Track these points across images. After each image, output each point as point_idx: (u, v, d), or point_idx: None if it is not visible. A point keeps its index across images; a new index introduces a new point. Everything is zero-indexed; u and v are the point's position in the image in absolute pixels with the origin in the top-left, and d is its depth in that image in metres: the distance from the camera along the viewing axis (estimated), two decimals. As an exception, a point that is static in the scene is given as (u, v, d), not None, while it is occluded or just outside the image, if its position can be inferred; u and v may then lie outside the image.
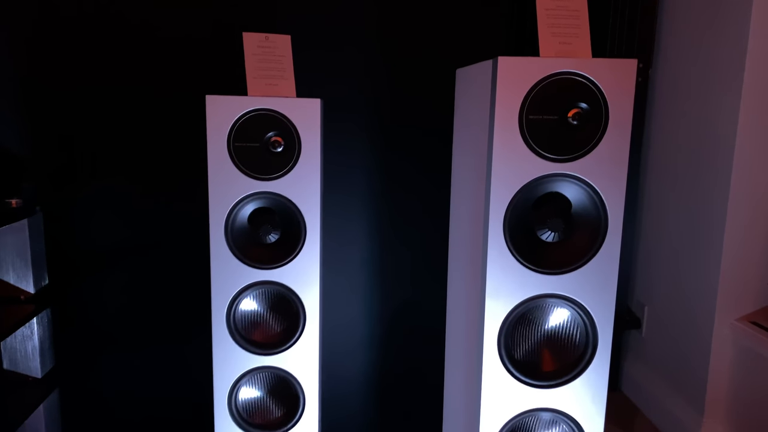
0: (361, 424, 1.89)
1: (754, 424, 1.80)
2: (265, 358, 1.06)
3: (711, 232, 1.92)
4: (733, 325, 1.88)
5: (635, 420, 2.24)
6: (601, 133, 0.89)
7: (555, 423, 0.98)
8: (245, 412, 1.07)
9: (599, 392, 0.97)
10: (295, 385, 1.07)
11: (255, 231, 1.02)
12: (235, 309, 1.04)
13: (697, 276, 2.00)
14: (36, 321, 1.54)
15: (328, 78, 1.45)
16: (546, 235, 0.92)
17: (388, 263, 1.72)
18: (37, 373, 1.57)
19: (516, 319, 0.94)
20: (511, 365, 0.95)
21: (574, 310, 0.94)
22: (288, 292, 1.04)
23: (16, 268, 1.51)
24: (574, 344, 0.95)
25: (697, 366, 1.98)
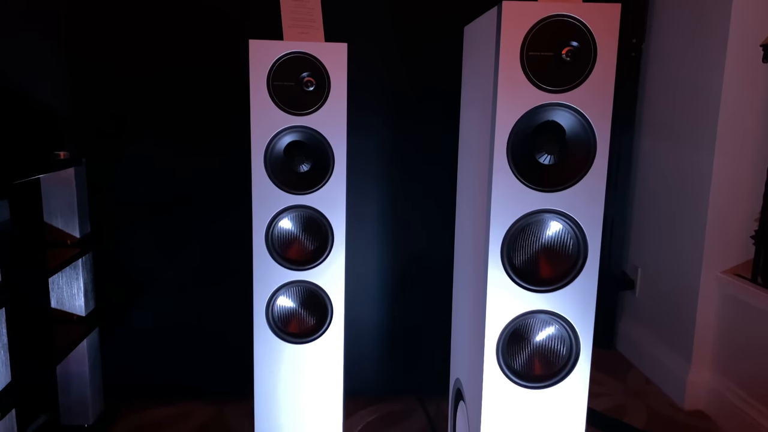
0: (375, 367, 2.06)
1: (737, 367, 1.95)
2: (298, 273, 1.21)
3: (697, 193, 2.07)
4: (718, 277, 2.03)
5: (629, 373, 2.39)
6: (590, 68, 1.04)
7: (551, 323, 1.13)
8: (281, 321, 1.23)
9: (589, 296, 1.12)
10: (324, 297, 1.22)
11: (290, 161, 1.18)
12: (273, 229, 1.19)
13: (685, 235, 2.15)
14: (81, 264, 1.70)
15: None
16: (543, 158, 1.08)
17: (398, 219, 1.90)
18: (81, 311, 1.72)
19: (517, 231, 1.09)
20: (513, 272, 1.10)
21: (567, 223, 1.09)
22: (318, 215, 1.19)
23: (63, 215, 1.66)
24: (567, 253, 1.11)
25: (685, 318, 2.13)
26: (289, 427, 1.27)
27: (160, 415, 1.96)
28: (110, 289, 1.90)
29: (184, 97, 1.84)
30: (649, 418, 2.04)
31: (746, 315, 1.91)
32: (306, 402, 1.26)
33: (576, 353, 1.14)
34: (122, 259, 1.92)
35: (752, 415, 1.84)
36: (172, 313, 1.97)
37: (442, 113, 1.84)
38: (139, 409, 1.98)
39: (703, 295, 2.05)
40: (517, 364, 1.15)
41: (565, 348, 1.14)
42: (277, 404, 1.26)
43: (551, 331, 1.14)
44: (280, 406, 1.26)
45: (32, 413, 1.58)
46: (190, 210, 1.91)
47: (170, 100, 1.85)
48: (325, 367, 1.25)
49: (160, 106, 1.85)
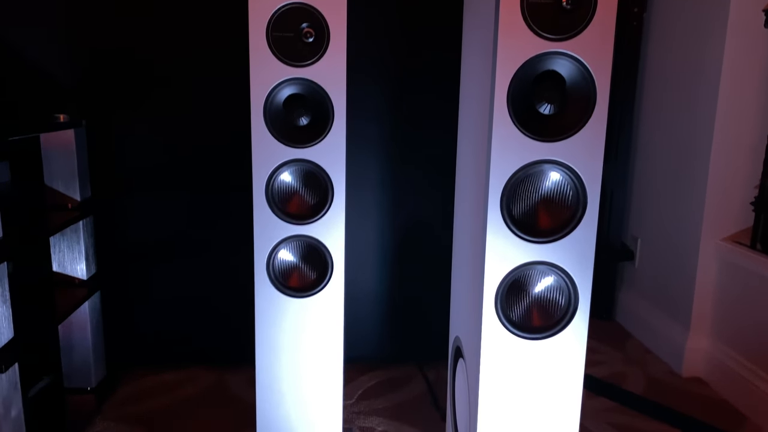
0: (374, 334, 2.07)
1: (735, 333, 1.97)
2: (299, 228, 1.21)
3: (697, 161, 2.07)
4: (718, 244, 2.04)
5: (627, 343, 2.40)
6: (590, 16, 1.04)
7: (549, 274, 1.13)
8: (282, 275, 1.23)
9: (588, 247, 1.12)
10: (324, 252, 1.23)
11: (289, 114, 1.18)
12: (273, 183, 1.19)
13: (685, 203, 2.15)
14: (81, 228, 1.70)
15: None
16: (543, 107, 1.08)
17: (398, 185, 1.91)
18: (83, 275, 1.73)
19: (516, 182, 1.10)
20: (512, 223, 1.11)
21: (567, 174, 1.09)
22: (318, 169, 1.20)
23: (64, 179, 1.67)
24: (566, 204, 1.11)
25: (684, 286, 2.14)
26: (290, 381, 1.28)
27: (161, 381, 1.98)
28: (112, 255, 1.91)
29: (185, 62, 1.84)
30: (647, 384, 2.05)
31: (745, 281, 1.92)
32: (307, 355, 1.27)
33: (574, 304, 1.14)
34: (123, 224, 1.92)
35: (750, 380, 1.85)
36: (173, 279, 1.99)
37: (443, 74, 1.84)
38: (141, 375, 2.00)
39: (702, 263, 2.06)
40: (515, 315, 1.15)
41: (563, 299, 1.14)
42: (278, 358, 1.27)
43: (550, 282, 1.14)
44: (281, 359, 1.27)
45: (36, 375, 1.59)
46: (190, 175, 1.91)
47: (172, 65, 1.84)
48: (325, 320, 1.26)
49: (161, 72, 1.85)
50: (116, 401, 1.84)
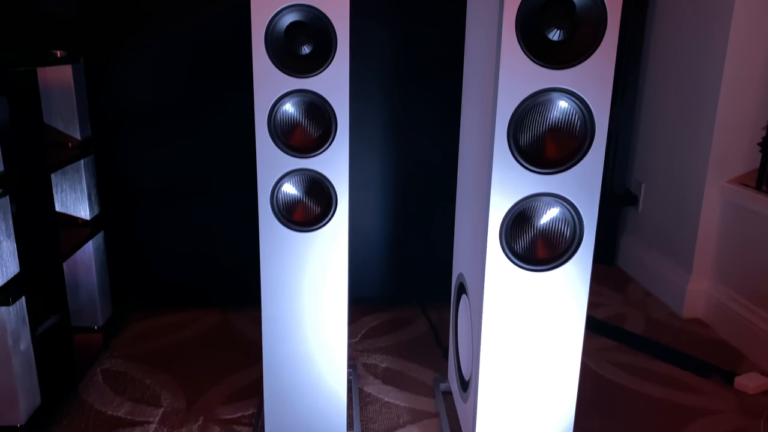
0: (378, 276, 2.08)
1: (736, 274, 1.97)
2: (302, 162, 1.20)
3: (705, 102, 2.04)
4: (723, 186, 2.03)
5: (629, 286, 2.42)
6: (603, -64, 1.00)
7: (555, 206, 1.13)
8: (285, 210, 1.23)
9: (595, 178, 1.11)
10: (328, 186, 1.22)
11: (291, 43, 1.15)
12: (275, 114, 1.17)
13: (691, 146, 2.13)
14: (83, 167, 1.69)
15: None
16: (553, 33, 1.05)
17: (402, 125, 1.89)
18: (86, 215, 1.72)
19: (524, 112, 1.08)
20: (518, 153, 1.09)
21: (576, 103, 1.07)
22: (321, 100, 1.17)
23: (63, 117, 1.65)
24: (574, 134, 1.09)
25: (687, 228, 2.14)
26: (295, 315, 1.30)
27: (168, 320, 2.00)
28: (115, 195, 1.90)
29: None
30: (648, 325, 2.07)
31: (749, 222, 1.91)
32: (312, 290, 1.28)
33: (580, 235, 1.14)
34: (125, 164, 1.91)
35: (750, 319, 1.87)
36: (177, 220, 1.98)
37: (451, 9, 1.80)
38: (148, 315, 2.02)
39: (706, 205, 2.05)
40: (519, 247, 1.15)
41: (569, 230, 1.14)
42: (283, 292, 1.28)
43: (555, 213, 1.13)
44: (286, 294, 1.28)
45: (43, 314, 1.61)
46: (192, 111, 1.89)
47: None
48: (330, 254, 1.26)
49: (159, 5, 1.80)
50: (123, 340, 1.87)
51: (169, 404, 1.56)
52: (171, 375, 1.69)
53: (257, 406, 1.55)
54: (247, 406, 1.56)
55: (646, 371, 1.76)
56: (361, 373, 1.71)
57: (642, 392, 1.65)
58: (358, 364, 1.76)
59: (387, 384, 1.67)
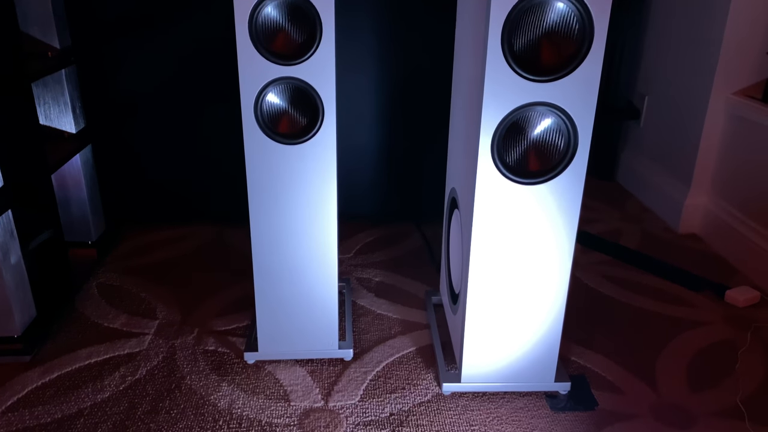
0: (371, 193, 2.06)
1: (736, 188, 1.95)
2: (286, 69, 1.15)
3: (714, 12, 1.93)
4: (728, 98, 1.96)
5: (627, 202, 2.40)
6: None
7: (549, 116, 1.08)
8: (270, 121, 1.19)
9: (592, 86, 1.06)
10: (314, 96, 1.17)
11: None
12: (257, 18, 1.11)
13: (698, 56, 2.04)
14: (64, 78, 1.63)
15: None
16: (551, -74, 0.97)
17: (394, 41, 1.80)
18: (71, 128, 1.68)
19: (519, 12, 1.01)
20: (512, 59, 1.04)
21: (574, 4, 1.01)
22: (304, 2, 1.11)
23: (40, 24, 1.57)
24: (571, 38, 1.03)
25: (689, 141, 2.09)
26: (285, 229, 1.28)
27: (162, 235, 2.00)
28: (101, 107, 1.85)
29: None
30: (643, 240, 2.07)
31: (753, 135, 1.86)
32: (301, 203, 1.26)
33: (574, 147, 1.10)
34: (110, 75, 1.84)
35: (745, 233, 1.86)
36: (167, 134, 1.94)
37: None
38: (142, 230, 2.02)
39: (710, 117, 2.00)
40: (511, 159, 1.12)
41: (563, 141, 1.10)
42: (271, 206, 1.26)
43: (549, 124, 1.09)
44: (275, 208, 1.26)
45: (35, 229, 1.60)
46: (177, 18, 1.80)
47: None
48: (319, 168, 1.23)
49: None
50: (118, 254, 1.88)
51: (164, 317, 1.58)
52: (166, 289, 1.70)
53: (251, 318, 1.57)
54: (241, 318, 1.58)
55: (638, 285, 1.77)
56: (355, 287, 1.73)
57: (633, 305, 1.67)
58: (351, 278, 1.77)
59: (380, 297, 1.68)
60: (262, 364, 1.40)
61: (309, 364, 1.40)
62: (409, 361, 1.42)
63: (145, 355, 1.43)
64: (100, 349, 1.44)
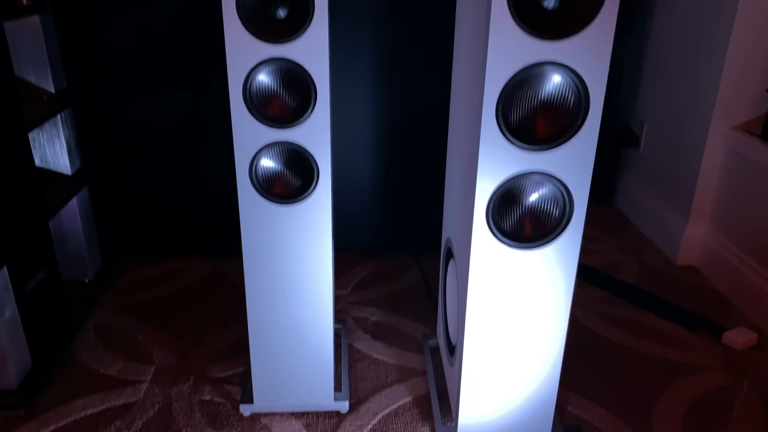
0: (369, 225, 2.05)
1: (734, 223, 1.94)
2: (280, 132, 1.14)
3: (716, 42, 1.92)
4: (727, 132, 1.95)
5: (625, 229, 2.39)
6: None
7: (544, 184, 1.08)
8: (265, 182, 1.18)
9: (588, 156, 1.05)
10: (309, 158, 1.16)
11: (265, 6, 1.06)
12: (250, 84, 1.10)
13: (698, 87, 2.03)
14: (60, 120, 1.62)
15: None
16: (547, 2, 0.96)
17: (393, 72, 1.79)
18: (67, 170, 1.68)
19: (515, 85, 1.00)
20: (507, 130, 1.03)
21: (570, 77, 1.00)
22: (298, 68, 1.10)
23: (35, 68, 1.56)
24: (567, 110, 1.03)
25: (688, 173, 2.08)
26: (280, 286, 1.28)
27: (158, 271, 2.00)
28: (96, 147, 1.85)
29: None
30: (641, 273, 2.07)
31: (752, 172, 1.85)
32: (296, 260, 1.26)
33: (569, 215, 1.10)
34: (106, 114, 1.84)
35: (742, 270, 1.86)
36: (164, 169, 1.94)
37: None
38: (138, 266, 2.02)
39: (709, 151, 1.99)
40: (507, 225, 1.11)
41: (558, 210, 1.10)
42: (266, 263, 1.26)
43: (544, 192, 1.09)
44: (269, 265, 1.26)
45: (31, 269, 1.60)
46: (171, 57, 1.80)
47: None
48: (313, 226, 1.23)
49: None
50: (115, 292, 1.87)
51: (161, 362, 1.58)
52: (162, 329, 1.70)
53: (247, 363, 1.57)
54: (237, 363, 1.58)
55: (635, 324, 1.77)
56: (351, 328, 1.73)
57: (630, 347, 1.67)
58: (348, 318, 1.77)
59: (376, 339, 1.68)
60: (258, 416, 1.40)
61: (305, 417, 1.40)
62: (405, 413, 1.42)
63: (141, 405, 1.43)
64: (96, 399, 1.44)
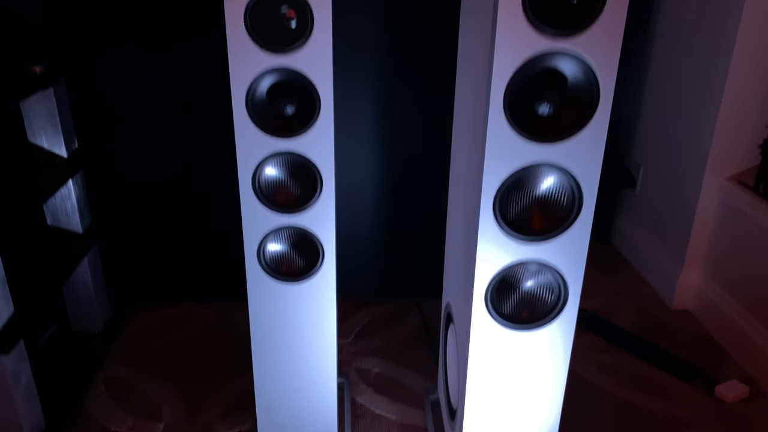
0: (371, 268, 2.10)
1: (726, 272, 1.99)
2: (287, 218, 1.19)
3: (710, 94, 1.97)
4: (720, 183, 2.00)
5: (621, 268, 2.44)
6: (599, 10, 0.94)
7: (540, 272, 1.13)
8: (273, 262, 1.23)
9: (581, 246, 1.10)
10: (314, 240, 1.21)
11: (274, 104, 1.11)
12: (259, 175, 1.15)
13: (692, 137, 2.08)
14: (72, 181, 1.67)
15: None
16: (542, 108, 1.01)
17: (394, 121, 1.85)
18: (78, 228, 1.73)
19: (510, 184, 1.05)
20: (504, 223, 1.08)
21: (563, 177, 1.05)
22: (305, 161, 1.15)
23: (47, 134, 1.61)
24: (561, 206, 1.08)
25: (683, 220, 2.13)
26: (286, 359, 1.33)
27: (167, 316, 2.05)
28: (105, 202, 1.90)
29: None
30: (637, 317, 2.12)
31: (743, 226, 1.90)
32: (302, 334, 1.31)
33: (564, 301, 1.15)
34: (114, 169, 1.89)
35: (737, 321, 1.90)
36: (170, 219, 1.99)
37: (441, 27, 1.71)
38: (144, 313, 2.06)
39: (703, 201, 2.04)
40: (505, 308, 1.16)
41: (552, 296, 1.15)
42: (273, 338, 1.31)
43: (541, 279, 1.14)
44: (274, 338, 1.31)
45: (42, 323, 1.65)
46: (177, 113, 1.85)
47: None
48: (318, 302, 1.28)
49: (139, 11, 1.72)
50: (124, 340, 1.92)
51: (170, 418, 1.63)
52: (171, 381, 1.75)
53: (253, 420, 1.62)
54: (244, 418, 1.63)
55: (631, 375, 1.82)
56: (354, 381, 1.77)
57: (625, 400, 1.72)
58: (351, 371, 1.82)
59: (379, 393, 1.73)
60: (265, 478, 1.45)
61: (310, 479, 1.45)
62: (407, 474, 1.47)
63: (151, 466, 1.48)
64: (107, 460, 1.49)
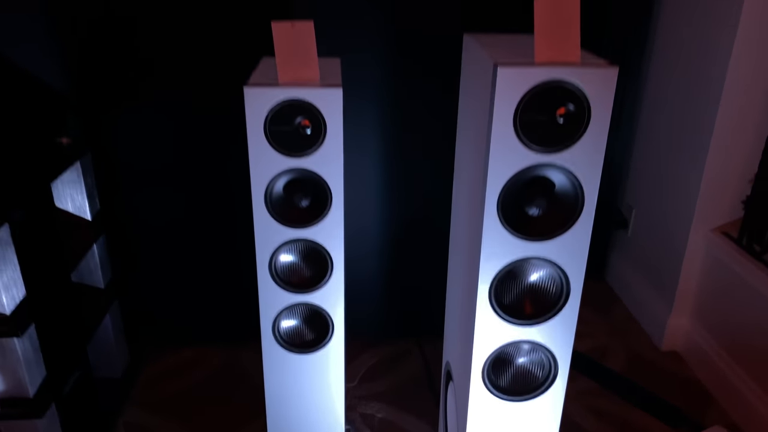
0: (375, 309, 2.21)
1: (712, 318, 2.10)
2: (301, 296, 1.31)
3: (697, 147, 2.07)
4: (706, 235, 2.11)
5: (614, 310, 2.55)
6: (583, 129, 1.05)
7: (532, 351, 1.24)
8: (287, 335, 1.35)
9: (569, 329, 1.21)
10: (325, 316, 1.33)
11: (289, 198, 1.22)
12: (275, 261, 1.26)
13: (680, 188, 2.19)
14: (95, 245, 1.78)
15: None
16: (532, 211, 1.12)
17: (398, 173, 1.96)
18: (100, 284, 1.84)
19: (504, 275, 1.17)
20: (500, 309, 1.19)
21: (552, 269, 1.16)
22: (318, 246, 1.26)
23: (73, 200, 1.72)
24: (550, 295, 1.19)
25: (672, 266, 2.24)
26: (299, 422, 1.44)
27: (181, 359, 2.15)
28: (122, 254, 2.01)
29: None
30: (627, 359, 2.22)
31: (727, 278, 2.01)
32: (313, 401, 1.42)
33: (553, 375, 1.26)
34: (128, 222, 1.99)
35: (723, 367, 2.01)
36: (186, 268, 2.09)
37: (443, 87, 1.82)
38: (159, 355, 2.17)
39: (690, 250, 2.15)
40: (501, 381, 1.28)
41: (542, 372, 1.26)
42: (287, 407, 1.43)
43: (533, 357, 1.25)
44: (288, 406, 1.42)
45: (66, 371, 1.75)
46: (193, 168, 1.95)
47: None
48: (328, 371, 1.39)
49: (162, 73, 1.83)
50: (142, 385, 2.03)
51: (188, 465, 1.74)
52: (187, 428, 1.86)
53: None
54: (257, 465, 1.74)
55: (618, 420, 1.92)
56: (359, 427, 1.88)
57: (614, 446, 1.83)
58: (356, 416, 1.93)
59: (383, 439, 1.84)
60: None
61: None
62: None
63: None
64: (131, 508, 1.60)
